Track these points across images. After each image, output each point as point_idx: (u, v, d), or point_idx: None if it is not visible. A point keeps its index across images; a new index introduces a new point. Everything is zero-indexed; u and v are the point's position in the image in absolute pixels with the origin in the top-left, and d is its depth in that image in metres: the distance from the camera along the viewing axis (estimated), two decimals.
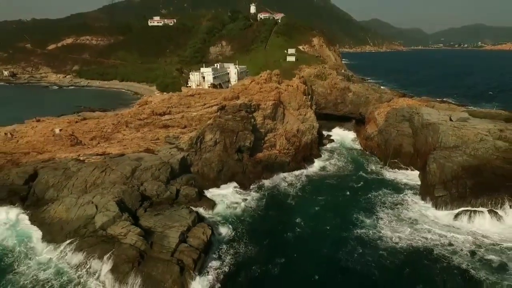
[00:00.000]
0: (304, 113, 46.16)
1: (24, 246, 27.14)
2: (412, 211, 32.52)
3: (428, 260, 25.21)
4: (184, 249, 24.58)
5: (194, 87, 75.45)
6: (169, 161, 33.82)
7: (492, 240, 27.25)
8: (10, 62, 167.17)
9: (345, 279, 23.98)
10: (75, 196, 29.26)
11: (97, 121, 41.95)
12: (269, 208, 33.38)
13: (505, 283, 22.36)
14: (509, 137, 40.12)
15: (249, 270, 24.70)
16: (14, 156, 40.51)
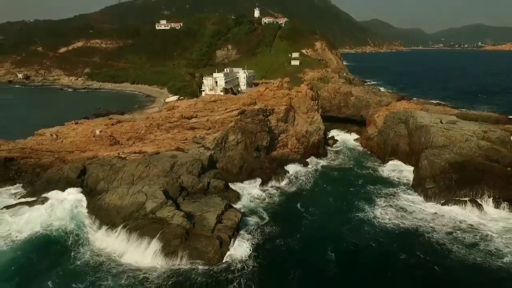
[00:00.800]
0: (312, 116, 52.14)
1: (84, 229, 33.12)
2: (404, 200, 38.50)
3: (412, 236, 31.23)
4: (220, 228, 30.60)
5: (207, 91, 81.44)
6: (200, 158, 39.80)
7: (469, 224, 33.14)
8: (24, 65, 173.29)
9: (347, 249, 30.01)
10: (126, 187, 35.23)
11: (132, 124, 47.93)
12: (285, 197, 39.42)
13: (473, 255, 28.30)
14: (491, 137, 46.13)
15: (272, 242, 30.74)
16: (60, 154, 46.61)
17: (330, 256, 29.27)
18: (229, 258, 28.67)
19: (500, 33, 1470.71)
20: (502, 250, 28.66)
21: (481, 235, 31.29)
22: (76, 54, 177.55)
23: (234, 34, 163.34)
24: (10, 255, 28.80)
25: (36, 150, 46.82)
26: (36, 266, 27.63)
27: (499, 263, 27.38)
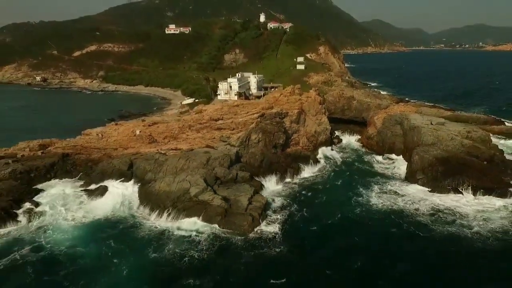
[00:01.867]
0: (320, 118, 60.20)
1: (139, 210, 41.22)
2: (398, 188, 46.50)
3: (399, 216, 39.16)
4: (251, 208, 38.72)
5: (222, 94, 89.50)
6: (228, 153, 47.88)
7: (449, 206, 41.09)
8: (41, 68, 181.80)
9: (349, 223, 38.29)
10: (171, 176, 43.39)
11: (166, 125, 56.06)
12: (299, 186, 47.53)
13: (450, 228, 36.30)
14: (473, 136, 54.19)
15: (291, 219, 38.93)
16: (106, 151, 54.71)
17: (336, 229, 37.43)
18: (259, 230, 36.79)
19: (502, 33, 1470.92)
20: (472, 224, 36.73)
21: (459, 214, 39.30)
22: (90, 57, 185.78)
23: (241, 39, 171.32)
24: (82, 233, 36.49)
25: (86, 147, 54.98)
26: (108, 240, 35.38)
27: (469, 234, 35.40)
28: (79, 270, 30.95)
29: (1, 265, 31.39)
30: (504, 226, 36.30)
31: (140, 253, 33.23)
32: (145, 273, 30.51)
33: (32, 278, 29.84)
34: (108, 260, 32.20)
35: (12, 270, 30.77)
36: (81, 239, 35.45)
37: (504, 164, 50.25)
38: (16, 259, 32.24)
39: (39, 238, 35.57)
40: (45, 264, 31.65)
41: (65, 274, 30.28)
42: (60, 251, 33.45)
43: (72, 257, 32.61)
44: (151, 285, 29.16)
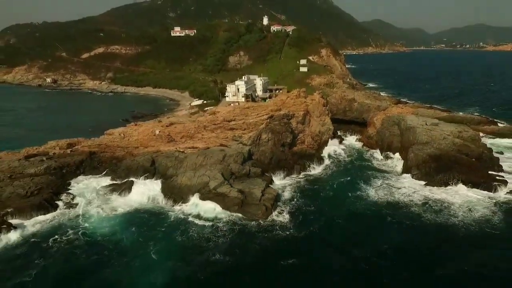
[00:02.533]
0: (323, 119, 65.29)
1: (164, 201, 46.34)
2: (394, 183, 51.56)
3: (395, 207, 44.23)
4: (264, 199, 43.83)
5: (230, 96, 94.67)
6: (241, 151, 52.99)
7: (440, 198, 46.15)
8: (50, 69, 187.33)
9: (350, 212, 43.28)
10: (192, 171, 48.54)
11: (183, 125, 61.21)
12: (305, 180, 52.61)
13: (438, 216, 41.38)
14: (464, 136, 59.22)
15: (299, 209, 43.96)
16: (128, 149, 59.86)
17: (338, 218, 42.46)
18: (271, 218, 41.88)
19: (503, 33, 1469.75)
20: (457, 213, 41.80)
21: (447, 205, 44.35)
22: (98, 59, 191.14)
23: (246, 41, 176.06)
24: (115, 222, 41.44)
25: (110, 146, 60.17)
26: (139, 227, 40.38)
27: (455, 221, 40.47)
28: (118, 251, 35.98)
29: (49, 244, 36.51)
30: (486, 215, 41.39)
31: (169, 237, 38.36)
32: (174, 253, 35.58)
33: (76, 256, 34.83)
34: (142, 244, 37.27)
35: (57, 249, 35.77)
36: (115, 227, 40.49)
37: (491, 161, 55.27)
38: (61, 241, 37.33)
39: (77, 225, 40.62)
40: (87, 246, 36.62)
41: (107, 255, 35.30)
42: (98, 236, 38.50)
43: (110, 241, 37.66)
44: (180, 263, 34.12)
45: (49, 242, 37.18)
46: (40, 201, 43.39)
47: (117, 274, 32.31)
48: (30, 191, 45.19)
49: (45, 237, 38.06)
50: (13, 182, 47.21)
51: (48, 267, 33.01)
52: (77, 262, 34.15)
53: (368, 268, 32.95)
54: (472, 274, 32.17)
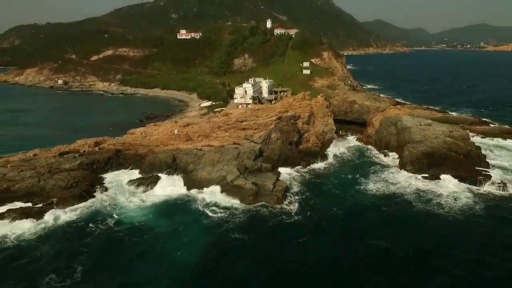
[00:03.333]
0: (326, 120, 71.34)
1: (187, 193, 52.42)
2: (390, 177, 57.56)
3: (390, 197, 50.24)
4: (276, 190, 49.93)
5: (238, 98, 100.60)
6: (253, 149, 59.09)
7: (430, 189, 52.15)
8: (61, 71, 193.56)
9: (351, 202, 49.17)
10: (210, 167, 54.66)
11: (199, 125, 67.33)
12: (310, 175, 58.68)
13: (428, 205, 47.42)
14: (455, 135, 65.21)
15: (305, 199, 49.94)
16: (150, 147, 66.02)
17: (340, 207, 48.44)
18: (281, 206, 47.89)
19: (504, 33, 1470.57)
20: (444, 202, 47.85)
21: (436, 195, 50.36)
22: (106, 61, 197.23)
23: (250, 44, 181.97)
24: (146, 211, 47.53)
25: (133, 144, 66.31)
26: (168, 214, 46.55)
27: (441, 209, 46.52)
28: (152, 233, 41.98)
29: (90, 227, 42.62)
30: (469, 204, 47.47)
31: (195, 221, 44.48)
32: (201, 234, 41.63)
33: (116, 237, 40.86)
34: (172, 227, 43.35)
35: (99, 232, 41.83)
36: (146, 214, 46.54)
37: (478, 158, 61.25)
38: (100, 225, 43.34)
39: (113, 213, 46.57)
40: (124, 230, 42.59)
41: (143, 237, 41.35)
42: (133, 221, 44.53)
43: (144, 225, 43.71)
44: (205, 242, 40.10)
45: (90, 225, 43.31)
46: (79, 192, 49.61)
47: (153, 252, 38.36)
48: (69, 184, 51.39)
49: (86, 221, 44.19)
50: (52, 176, 53.40)
51: (90, 246, 38.96)
52: (116, 242, 40.22)
53: (363, 248, 38.93)
54: (453, 250, 38.19)
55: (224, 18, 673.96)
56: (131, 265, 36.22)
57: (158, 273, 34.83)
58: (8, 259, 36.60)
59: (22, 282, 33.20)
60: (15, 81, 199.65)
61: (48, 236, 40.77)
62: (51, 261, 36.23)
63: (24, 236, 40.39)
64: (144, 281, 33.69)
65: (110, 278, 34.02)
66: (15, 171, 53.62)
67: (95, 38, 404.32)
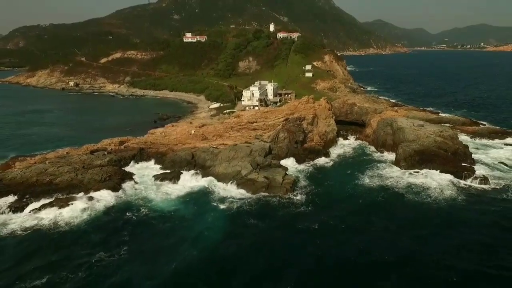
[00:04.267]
0: (329, 121, 78.45)
1: (206, 186, 59.54)
2: (385, 172, 64.62)
3: (385, 189, 57.16)
4: (284, 183, 57.04)
5: (246, 101, 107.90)
6: (263, 147, 66.26)
7: (420, 183, 59.21)
8: (72, 74, 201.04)
9: (350, 194, 56.17)
10: (226, 163, 61.82)
11: (214, 126, 74.50)
12: (314, 170, 65.80)
13: (418, 196, 54.48)
14: (444, 135, 72.22)
15: (311, 191, 56.99)
16: (169, 146, 73.19)
17: (340, 198, 55.52)
18: (289, 197, 55.00)
19: (504, 33, 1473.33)
20: (432, 194, 54.91)
21: (425, 188, 57.33)
22: (115, 64, 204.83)
23: (254, 47, 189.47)
24: (172, 201, 54.61)
25: (154, 143, 73.51)
26: (191, 203, 53.74)
27: (428, 199, 53.57)
28: (180, 220, 49.10)
29: (128, 215, 49.66)
30: (452, 195, 54.52)
31: (216, 209, 51.47)
32: (221, 220, 48.66)
33: (150, 223, 47.98)
34: (197, 214, 50.44)
35: (135, 219, 48.98)
36: (173, 204, 53.49)
37: (465, 155, 68.24)
38: (135, 213, 50.42)
39: (144, 203, 53.49)
40: (156, 217, 49.72)
41: (174, 222, 48.50)
42: (164, 210, 51.69)
43: (173, 213, 50.72)
44: (225, 226, 47.06)
45: (127, 214, 50.40)
46: (113, 184, 56.80)
47: (181, 234, 45.30)
48: (103, 177, 58.58)
49: (123, 210, 51.28)
50: (87, 171, 60.54)
51: (130, 230, 46.00)
52: (151, 226, 47.31)
53: (357, 231, 46.02)
54: (438, 235, 45.26)
55: (226, 19, 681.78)
56: (165, 244, 43.23)
57: (185, 252, 41.53)
58: (62, 240, 43.74)
59: (77, 259, 39.92)
60: (27, 83, 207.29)
61: (93, 221, 47.87)
62: (99, 242, 43.24)
63: (72, 221, 47.45)
64: (174, 257, 40.42)
65: (149, 255, 41.02)
66: (54, 166, 60.82)
67: (100, 40, 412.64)
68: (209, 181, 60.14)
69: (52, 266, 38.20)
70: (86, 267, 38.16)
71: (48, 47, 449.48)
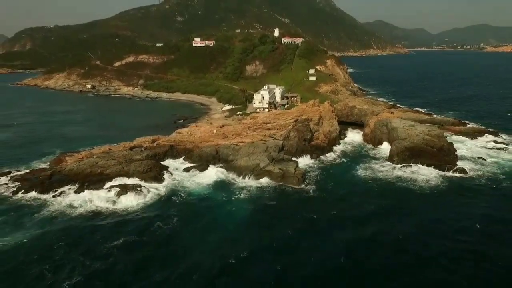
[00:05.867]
0: (332, 122, 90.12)
1: (228, 176, 71.21)
2: (380, 165, 76.27)
3: (379, 180, 68.73)
4: (296, 174, 68.70)
5: (257, 103, 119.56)
6: (277, 144, 77.98)
7: (408, 175, 70.77)
8: (88, 76, 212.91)
9: (349, 184, 67.82)
10: (246, 157, 73.52)
11: (233, 126, 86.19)
12: (320, 165, 77.48)
13: (404, 185, 66.15)
14: (432, 134, 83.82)
15: (318, 180, 68.71)
16: (195, 143, 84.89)
17: (342, 186, 67.10)
18: (301, 185, 66.68)
19: (505, 33, 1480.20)
20: (418, 183, 66.59)
21: (412, 178, 68.99)
22: (129, 67, 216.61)
23: (260, 52, 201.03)
24: (202, 189, 66.49)
25: (181, 141, 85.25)
26: (218, 190, 65.45)
27: (415, 187, 65.22)
28: (211, 203, 60.72)
29: (173, 199, 61.45)
30: (437, 184, 66.01)
31: (239, 194, 63.15)
32: (244, 203, 60.22)
33: (191, 206, 59.64)
34: (225, 198, 62.10)
35: (178, 202, 60.72)
36: (204, 191, 65.27)
37: (449, 152, 79.75)
38: (178, 198, 62.19)
39: (182, 190, 65.30)
40: (194, 201, 61.40)
41: (207, 205, 60.04)
42: (197, 196, 63.34)
43: (205, 198, 62.44)
44: (247, 208, 58.46)
45: (172, 198, 62.18)
46: (155, 175, 68.61)
47: (214, 213, 57.05)
48: (145, 169, 70.34)
49: (168, 195, 63.03)
50: (130, 164, 72.28)
51: (176, 209, 57.77)
52: (192, 206, 59.11)
53: (353, 213, 57.65)
54: (418, 212, 56.91)
55: (229, 21, 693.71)
56: (204, 218, 55.00)
57: (221, 223, 53.31)
58: (123, 216, 55.48)
59: (138, 234, 51.49)
60: (46, 85, 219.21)
61: (145, 202, 59.55)
62: (155, 216, 54.95)
63: (128, 204, 59.06)
64: (212, 226, 52.16)
65: (194, 225, 52.80)
66: (102, 160, 72.60)
67: (107, 42, 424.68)
68: (232, 172, 71.82)
69: (119, 233, 49.76)
70: (149, 232, 50.09)
71: (57, 49, 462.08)
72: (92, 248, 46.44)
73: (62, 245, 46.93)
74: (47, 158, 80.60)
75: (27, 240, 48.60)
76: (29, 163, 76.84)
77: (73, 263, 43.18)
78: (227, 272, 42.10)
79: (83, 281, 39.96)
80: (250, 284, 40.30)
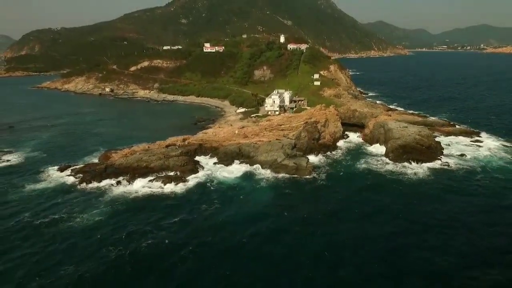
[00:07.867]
0: (336, 123, 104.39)
1: (252, 170, 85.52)
2: (376, 161, 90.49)
3: (373, 173, 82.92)
4: (308, 167, 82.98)
5: (268, 107, 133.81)
6: (290, 143, 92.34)
7: (402, 170, 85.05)
8: (106, 80, 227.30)
9: (351, 176, 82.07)
10: (266, 154, 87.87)
11: (251, 128, 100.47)
12: (327, 160, 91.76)
13: (396, 177, 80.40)
14: (422, 134, 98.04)
15: (326, 172, 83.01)
16: (219, 142, 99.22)
17: (345, 177, 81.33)
18: (312, 176, 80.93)
19: (505, 34, 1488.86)
20: (408, 176, 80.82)
21: (404, 172, 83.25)
22: (144, 72, 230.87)
23: (267, 58, 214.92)
24: (232, 179, 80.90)
25: (208, 140, 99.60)
26: (245, 180, 79.83)
27: (405, 180, 79.47)
28: (239, 190, 74.93)
29: (208, 186, 75.76)
30: (425, 177, 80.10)
31: (261, 183, 77.47)
32: (265, 191, 74.48)
33: (221, 193, 73.91)
34: (249, 187, 76.42)
35: (213, 189, 75.02)
36: (233, 181, 79.65)
37: (436, 149, 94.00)
38: (213, 185, 76.51)
39: (215, 180, 79.58)
40: (224, 188, 75.64)
41: (235, 192, 74.38)
42: (227, 184, 77.62)
43: (234, 186, 76.77)
44: (268, 195, 72.61)
45: (207, 185, 76.57)
46: (191, 168, 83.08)
47: (244, 197, 71.37)
48: (182, 163, 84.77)
49: (203, 183, 77.39)
50: (168, 159, 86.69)
51: (213, 195, 72.14)
52: (224, 193, 73.40)
53: (355, 199, 71.95)
54: (411, 201, 71.09)
55: (232, 23, 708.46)
56: (236, 201, 69.39)
57: (247, 206, 67.53)
58: (171, 201, 69.86)
59: (188, 212, 65.98)
60: (66, 89, 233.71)
61: (188, 190, 74.02)
62: (197, 200, 69.41)
63: (174, 190, 73.55)
64: (242, 207, 66.53)
65: (230, 206, 67.08)
66: (146, 156, 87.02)
67: (116, 45, 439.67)
68: (254, 166, 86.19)
69: (173, 211, 64.30)
70: (196, 210, 64.57)
71: (67, 52, 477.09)
72: (155, 222, 60.94)
73: (130, 220, 61.43)
74: (95, 154, 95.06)
75: (102, 217, 63.05)
76: (82, 158, 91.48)
77: (142, 232, 57.58)
78: (258, 237, 56.54)
79: (153, 244, 54.32)
80: (276, 245, 54.69)
